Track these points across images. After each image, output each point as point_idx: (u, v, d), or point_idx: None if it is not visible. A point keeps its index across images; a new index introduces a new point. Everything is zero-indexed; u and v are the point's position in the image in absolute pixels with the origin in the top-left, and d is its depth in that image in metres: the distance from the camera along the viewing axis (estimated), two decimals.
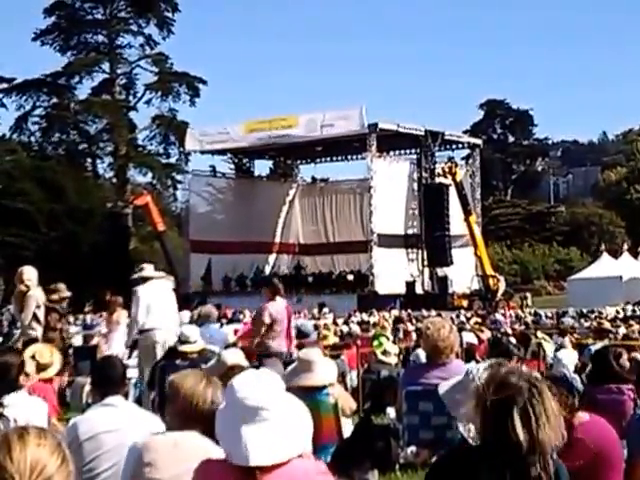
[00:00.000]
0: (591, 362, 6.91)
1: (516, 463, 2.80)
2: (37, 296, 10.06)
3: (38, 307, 9.98)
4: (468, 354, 10.24)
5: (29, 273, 10.18)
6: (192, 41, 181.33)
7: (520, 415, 2.79)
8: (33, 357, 6.70)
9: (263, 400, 2.75)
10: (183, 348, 8.65)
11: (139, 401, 9.08)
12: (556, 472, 2.84)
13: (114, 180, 64.92)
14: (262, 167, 54.34)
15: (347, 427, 6.89)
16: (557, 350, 11.82)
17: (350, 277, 42.18)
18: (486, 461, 2.80)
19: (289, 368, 6.84)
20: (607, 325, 14.02)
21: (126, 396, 5.47)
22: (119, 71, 64.28)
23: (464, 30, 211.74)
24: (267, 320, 9.86)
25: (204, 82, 64.19)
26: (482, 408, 2.87)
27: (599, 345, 10.74)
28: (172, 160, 64.36)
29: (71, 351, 12.32)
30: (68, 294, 11.01)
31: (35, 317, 9.92)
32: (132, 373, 10.02)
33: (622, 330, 15.15)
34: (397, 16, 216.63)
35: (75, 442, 4.68)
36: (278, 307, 10.07)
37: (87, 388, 11.30)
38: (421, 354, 8.95)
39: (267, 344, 9.81)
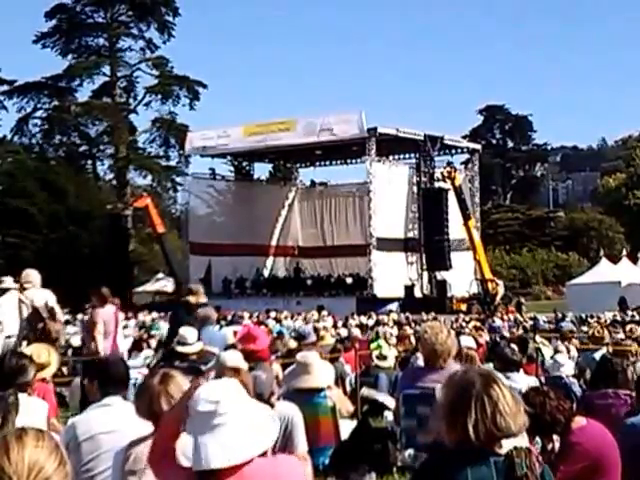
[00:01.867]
0: (597, 368, 6.89)
1: (500, 462, 2.84)
2: (32, 297, 10.09)
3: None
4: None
5: (29, 276, 10.22)
6: (192, 45, 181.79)
7: (476, 406, 2.86)
8: (30, 358, 6.69)
9: (214, 406, 2.79)
10: (181, 349, 8.66)
11: None
12: (542, 474, 2.88)
13: (114, 182, 65.02)
14: (262, 170, 54.52)
15: (345, 429, 6.92)
16: (556, 354, 11.81)
17: (349, 280, 42.21)
18: (470, 464, 2.84)
19: (287, 370, 6.86)
20: (605, 333, 14.00)
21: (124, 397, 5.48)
22: (119, 74, 64.35)
23: (464, 35, 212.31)
24: (100, 325, 11.12)
25: (204, 85, 64.31)
26: (445, 409, 2.94)
27: (598, 351, 10.76)
28: (172, 163, 64.51)
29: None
30: (200, 300, 10.86)
31: (25, 319, 9.97)
32: (132, 373, 10.03)
33: (621, 335, 15.12)
34: (397, 21, 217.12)
35: (73, 442, 4.69)
36: (107, 313, 11.38)
37: None
38: (420, 357, 8.98)
39: (97, 346, 10.90)
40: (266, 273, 47.25)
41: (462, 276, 41.41)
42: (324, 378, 6.55)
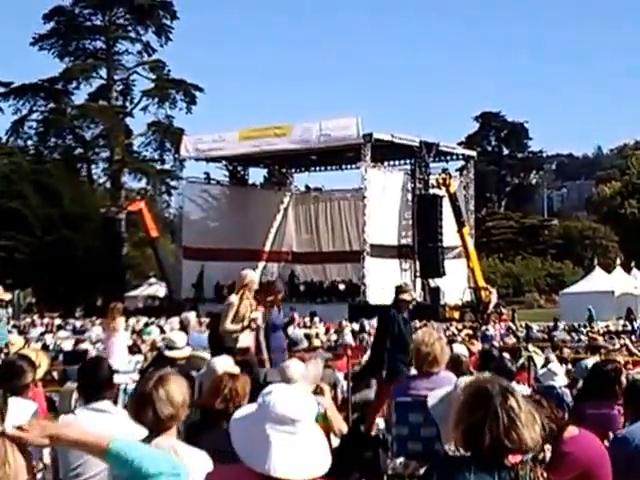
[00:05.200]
0: (589, 376, 6.85)
1: (505, 473, 2.81)
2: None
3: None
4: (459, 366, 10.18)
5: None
6: (190, 49, 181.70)
7: (493, 417, 2.84)
8: (31, 361, 6.66)
9: (300, 413, 2.72)
10: (169, 354, 8.62)
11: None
12: None
13: (108, 185, 64.99)
14: (256, 175, 54.41)
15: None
16: (547, 364, 11.78)
17: (342, 287, 42.13)
18: (474, 471, 2.81)
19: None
20: (600, 340, 14.00)
21: (115, 402, 5.45)
22: (116, 77, 64.46)
23: (461, 42, 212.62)
24: None
25: (201, 89, 64.41)
26: (461, 415, 2.92)
27: (591, 360, 10.72)
28: (167, 166, 64.53)
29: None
30: (413, 297, 10.53)
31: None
32: (123, 378, 9.98)
33: (616, 346, 15.12)
34: (394, 27, 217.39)
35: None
36: None
37: (76, 394, 11.22)
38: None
39: None
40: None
41: (455, 284, 41.36)
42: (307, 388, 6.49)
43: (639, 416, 5.34)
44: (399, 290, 10.35)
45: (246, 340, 10.13)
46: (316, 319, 28.64)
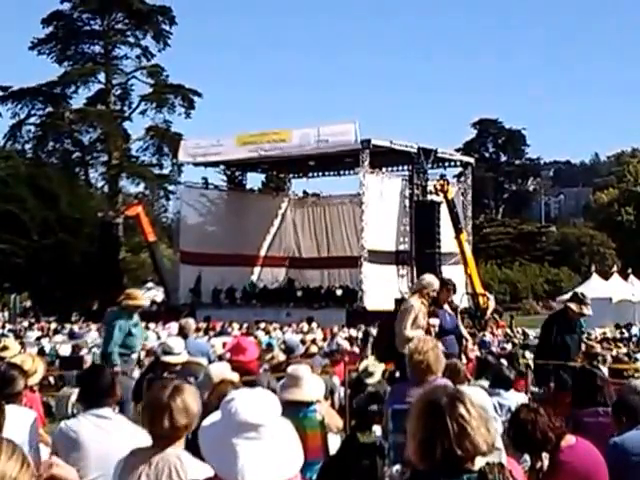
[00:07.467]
0: (575, 383, 6.86)
1: (473, 478, 2.80)
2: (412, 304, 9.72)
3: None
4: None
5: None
6: (188, 54, 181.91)
7: (443, 429, 2.81)
8: (20, 368, 6.65)
9: (263, 418, 2.71)
10: (166, 359, 8.60)
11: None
12: None
13: (106, 190, 64.97)
14: (254, 180, 54.53)
15: (333, 443, 6.88)
16: None
17: (339, 292, 42.11)
18: None
19: (279, 383, 6.82)
20: (597, 348, 13.98)
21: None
22: (115, 82, 64.46)
23: (459, 49, 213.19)
24: None
25: (199, 94, 64.41)
26: (413, 430, 2.91)
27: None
28: (165, 171, 64.53)
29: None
30: (583, 311, 9.54)
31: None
32: None
33: (613, 353, 15.10)
34: (392, 33, 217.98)
35: (62, 449, 4.68)
36: None
37: (73, 398, 11.23)
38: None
39: None
40: (256, 284, 47.13)
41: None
42: (314, 392, 6.51)
43: (628, 426, 5.35)
44: (572, 298, 9.63)
45: None
46: (313, 325, 28.58)
